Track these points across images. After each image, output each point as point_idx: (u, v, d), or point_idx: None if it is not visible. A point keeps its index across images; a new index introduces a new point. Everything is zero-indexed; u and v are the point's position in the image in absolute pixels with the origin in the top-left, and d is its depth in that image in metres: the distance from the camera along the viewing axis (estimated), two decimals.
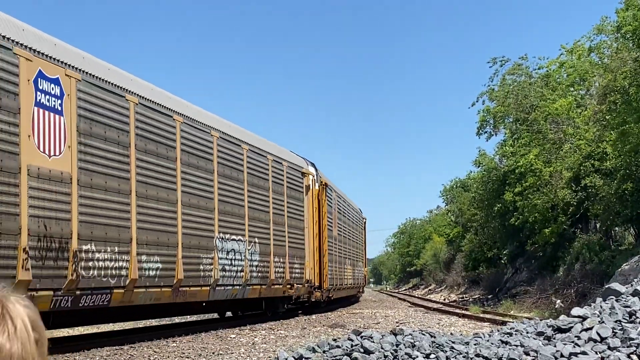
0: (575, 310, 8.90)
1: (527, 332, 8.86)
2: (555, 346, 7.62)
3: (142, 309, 14.77)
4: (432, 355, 7.55)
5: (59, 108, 10.95)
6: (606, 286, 12.01)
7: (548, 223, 27.16)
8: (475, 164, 40.08)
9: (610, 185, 22.21)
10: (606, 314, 8.64)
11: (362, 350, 7.65)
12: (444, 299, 42.98)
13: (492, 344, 8.20)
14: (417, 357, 7.46)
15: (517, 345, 7.92)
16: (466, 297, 41.16)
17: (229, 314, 20.87)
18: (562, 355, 7.29)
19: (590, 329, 8.05)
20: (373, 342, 7.96)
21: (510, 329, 9.36)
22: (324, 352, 7.79)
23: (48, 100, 10.68)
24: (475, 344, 8.15)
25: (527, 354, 7.44)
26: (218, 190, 16.26)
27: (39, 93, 10.50)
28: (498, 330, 9.72)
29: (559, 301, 22.10)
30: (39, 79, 10.54)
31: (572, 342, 7.81)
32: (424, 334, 8.69)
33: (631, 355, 7.25)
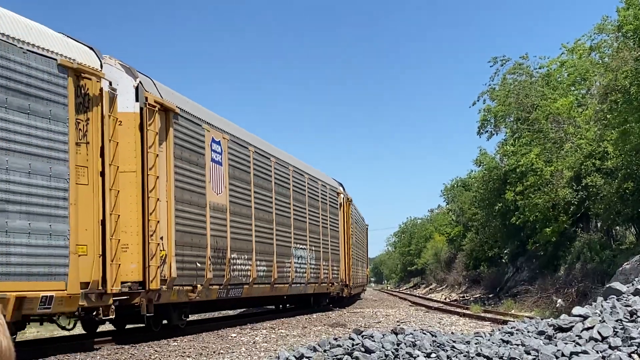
0: (576, 310, 8.90)
1: (528, 332, 8.86)
2: (556, 345, 7.63)
3: (252, 300, 20.59)
4: (433, 355, 7.55)
5: (221, 161, 16.03)
6: (607, 285, 12.01)
7: (549, 222, 27.15)
8: (476, 163, 40.10)
9: (611, 184, 22.20)
10: (607, 313, 8.64)
11: (363, 349, 7.65)
12: (445, 298, 42.98)
13: (493, 343, 8.20)
14: (418, 356, 7.47)
15: (518, 345, 7.92)
16: (467, 297, 41.16)
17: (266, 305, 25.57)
18: (563, 355, 7.29)
19: (591, 328, 8.05)
20: (374, 341, 7.96)
21: (511, 328, 9.36)
22: (324, 351, 7.79)
23: (216, 156, 15.71)
24: (476, 343, 8.15)
25: (528, 353, 7.45)
26: (293, 210, 21.78)
27: (212, 152, 15.47)
28: (499, 330, 9.72)
29: (559, 300, 22.10)
30: (212, 143, 15.57)
31: (573, 341, 7.82)
32: (425, 333, 8.69)
33: (632, 355, 7.25)
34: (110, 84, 11.90)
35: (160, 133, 13.05)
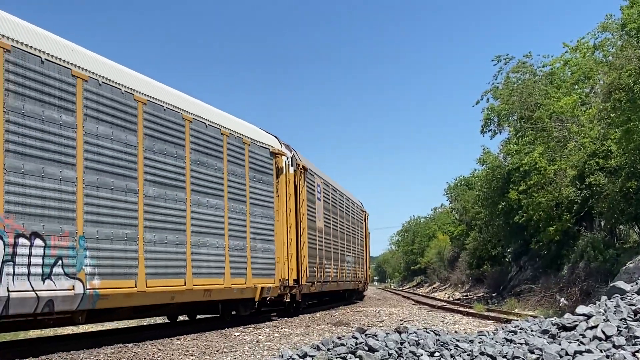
0: (580, 309, 8.89)
1: (532, 330, 8.85)
2: (560, 344, 7.61)
3: (326, 293, 27.96)
4: (437, 354, 7.54)
5: (320, 198, 24.22)
6: (611, 284, 11.99)
7: (552, 221, 27.10)
8: (479, 162, 40.03)
9: (614, 183, 22.15)
10: (611, 312, 8.62)
11: (366, 348, 7.65)
12: (448, 297, 42.96)
13: (497, 342, 8.19)
14: (422, 355, 7.46)
15: (521, 344, 7.91)
16: (470, 295, 41.13)
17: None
18: (566, 354, 7.27)
19: (595, 327, 8.04)
20: (377, 340, 7.96)
21: (515, 327, 9.35)
22: (328, 350, 7.79)
23: (318, 195, 23.84)
24: (479, 342, 8.14)
25: (531, 352, 7.43)
26: (345, 227, 30.25)
27: (317, 192, 23.56)
28: (502, 329, 9.70)
29: (563, 299, 22.06)
30: (317, 186, 23.82)
31: (577, 340, 7.80)
32: (428, 332, 8.68)
33: (636, 354, 7.23)
34: (286, 158, 19.47)
35: (300, 184, 20.97)
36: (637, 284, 10.65)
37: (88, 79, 11.31)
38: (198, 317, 20.18)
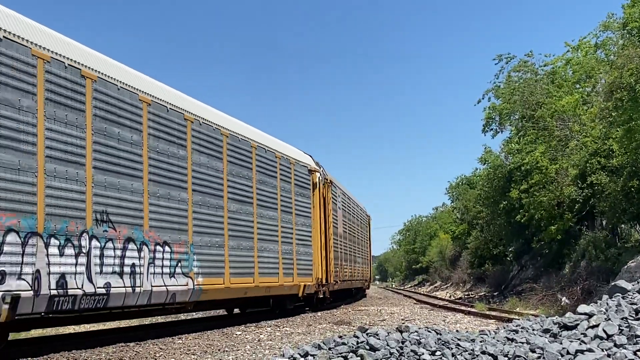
0: (582, 308, 8.89)
1: (533, 329, 8.85)
2: (561, 343, 7.62)
3: (343, 291, 29.45)
4: (438, 353, 7.55)
5: (340, 207, 26.98)
6: (612, 283, 11.98)
7: (554, 220, 27.08)
8: (481, 161, 40.04)
9: (616, 182, 22.13)
10: (612, 311, 8.63)
11: (367, 347, 7.65)
12: (450, 296, 42.95)
13: (498, 341, 8.19)
14: (423, 354, 7.46)
15: (523, 343, 7.91)
16: (472, 295, 41.12)
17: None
18: (568, 353, 7.28)
19: (597, 326, 8.04)
20: (379, 339, 7.96)
21: (516, 326, 9.35)
22: (329, 349, 7.80)
23: (338, 204, 26.11)
24: (481, 341, 8.15)
25: (533, 351, 7.44)
26: (355, 231, 32.93)
27: (338, 203, 26.31)
28: (504, 328, 9.71)
29: (564, 298, 22.07)
30: (337, 196, 25.91)
31: (578, 339, 7.81)
32: (429, 331, 8.69)
33: (637, 353, 7.23)
34: (319, 175, 22.33)
35: (328, 196, 23.64)
36: (638, 283, 10.65)
37: (193, 120, 14.60)
38: (201, 315, 20.23)
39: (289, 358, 7.66)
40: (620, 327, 7.95)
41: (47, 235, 10.08)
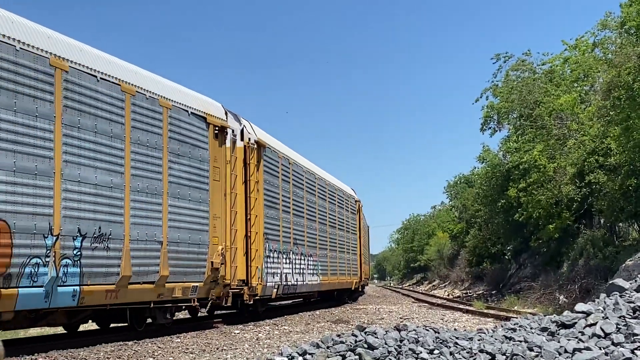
0: (579, 306, 8.90)
1: (531, 328, 8.86)
2: (559, 342, 7.63)
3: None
4: (436, 351, 7.56)
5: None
6: (610, 282, 12.00)
7: (552, 219, 27.11)
8: (479, 160, 40.05)
9: (614, 181, 22.16)
10: (610, 310, 8.64)
11: (365, 345, 7.66)
12: (448, 295, 42.99)
13: (496, 339, 8.20)
14: (421, 352, 7.47)
15: (520, 341, 7.92)
16: (470, 293, 41.17)
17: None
18: (565, 351, 7.29)
19: (594, 324, 8.05)
20: (377, 337, 7.97)
21: (514, 324, 9.36)
22: (327, 347, 7.81)
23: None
24: (479, 340, 8.16)
25: (530, 349, 7.45)
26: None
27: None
28: (502, 326, 9.72)
29: (562, 297, 22.11)
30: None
31: (576, 337, 7.82)
32: (427, 330, 8.70)
33: (635, 351, 7.24)
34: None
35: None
36: (636, 281, 10.67)
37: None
38: (201, 315, 20.24)
39: (287, 357, 7.67)
40: (618, 326, 7.96)
41: (279, 251, 18.80)
